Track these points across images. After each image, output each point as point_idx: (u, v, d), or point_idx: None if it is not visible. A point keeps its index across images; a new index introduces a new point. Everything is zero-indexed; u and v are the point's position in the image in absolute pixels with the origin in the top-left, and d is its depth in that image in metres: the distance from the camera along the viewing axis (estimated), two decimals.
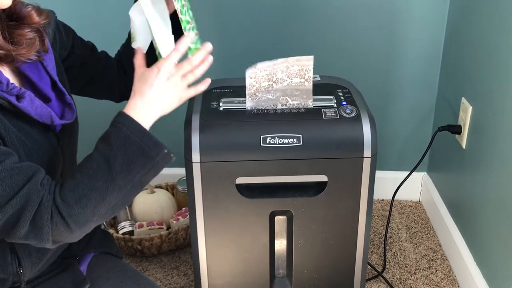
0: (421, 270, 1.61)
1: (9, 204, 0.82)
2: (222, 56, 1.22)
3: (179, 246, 1.69)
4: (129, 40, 1.15)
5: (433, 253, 1.68)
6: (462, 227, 1.59)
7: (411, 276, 1.58)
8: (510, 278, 1.26)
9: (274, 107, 1.18)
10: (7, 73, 0.92)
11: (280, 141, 1.12)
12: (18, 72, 0.95)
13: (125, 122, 0.90)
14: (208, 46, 1.01)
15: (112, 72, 1.20)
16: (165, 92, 0.95)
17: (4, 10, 0.91)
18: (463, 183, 1.58)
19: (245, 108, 1.18)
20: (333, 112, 1.16)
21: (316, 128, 1.14)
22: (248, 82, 1.16)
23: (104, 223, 1.67)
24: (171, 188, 1.87)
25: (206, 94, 1.23)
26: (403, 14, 1.69)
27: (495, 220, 1.34)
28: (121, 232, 1.66)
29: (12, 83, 0.88)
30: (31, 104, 0.90)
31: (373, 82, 1.79)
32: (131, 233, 1.66)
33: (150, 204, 1.72)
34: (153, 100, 0.94)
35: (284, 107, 1.18)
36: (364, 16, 1.70)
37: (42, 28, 0.97)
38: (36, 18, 0.95)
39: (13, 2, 0.90)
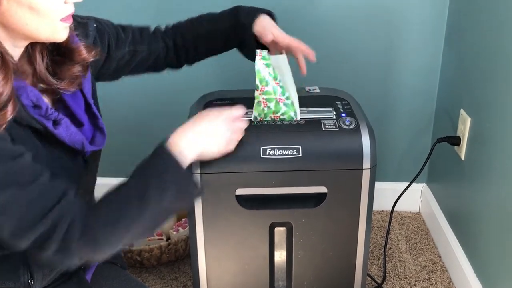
0: (421, 282, 1.60)
1: (41, 223, 0.81)
2: (221, 67, 1.24)
3: (178, 257, 1.69)
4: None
5: (433, 264, 1.68)
6: (461, 238, 1.59)
7: None
8: None
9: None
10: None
11: (280, 152, 1.13)
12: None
13: (163, 156, 0.92)
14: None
15: (158, 48, 1.20)
16: (214, 132, 0.99)
17: (53, 43, 0.91)
18: (462, 194, 1.58)
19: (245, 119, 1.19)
20: (332, 124, 1.17)
21: (315, 140, 1.14)
22: None
23: None
24: None
25: (206, 105, 1.23)
26: (401, 24, 1.70)
27: (495, 231, 1.34)
28: None
29: (51, 109, 0.89)
30: (66, 131, 0.91)
31: (372, 93, 1.79)
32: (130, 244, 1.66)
33: None
34: (198, 135, 0.97)
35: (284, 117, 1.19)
36: (362, 27, 1.71)
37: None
38: (84, 54, 0.95)
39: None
